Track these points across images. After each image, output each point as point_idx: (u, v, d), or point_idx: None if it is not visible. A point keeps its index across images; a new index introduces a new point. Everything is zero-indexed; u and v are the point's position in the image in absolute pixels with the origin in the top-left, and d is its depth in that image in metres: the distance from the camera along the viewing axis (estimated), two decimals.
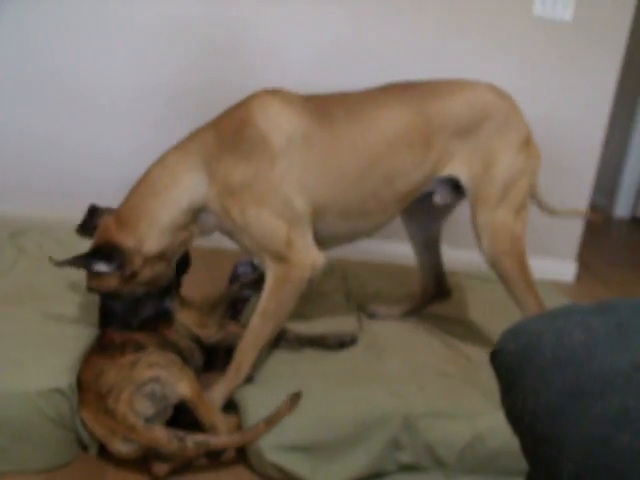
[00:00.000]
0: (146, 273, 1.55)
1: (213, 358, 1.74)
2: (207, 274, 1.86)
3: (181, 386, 1.43)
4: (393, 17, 2.58)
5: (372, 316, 2.02)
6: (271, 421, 1.45)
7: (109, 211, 1.65)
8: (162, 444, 1.37)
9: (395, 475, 1.50)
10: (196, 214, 1.58)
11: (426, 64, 2.60)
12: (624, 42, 2.77)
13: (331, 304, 2.05)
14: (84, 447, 1.48)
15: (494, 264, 1.73)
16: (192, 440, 1.39)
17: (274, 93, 1.60)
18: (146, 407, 1.38)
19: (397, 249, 2.77)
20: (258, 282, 2.01)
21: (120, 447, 1.40)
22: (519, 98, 1.80)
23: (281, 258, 1.55)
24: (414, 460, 1.48)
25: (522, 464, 0.83)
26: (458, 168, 1.70)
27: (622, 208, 4.91)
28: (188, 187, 1.54)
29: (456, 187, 1.77)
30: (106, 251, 1.51)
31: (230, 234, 1.62)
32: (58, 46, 2.54)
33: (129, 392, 1.39)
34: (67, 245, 2.11)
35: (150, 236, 1.53)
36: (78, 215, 2.58)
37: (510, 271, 1.72)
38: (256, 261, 1.70)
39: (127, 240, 1.52)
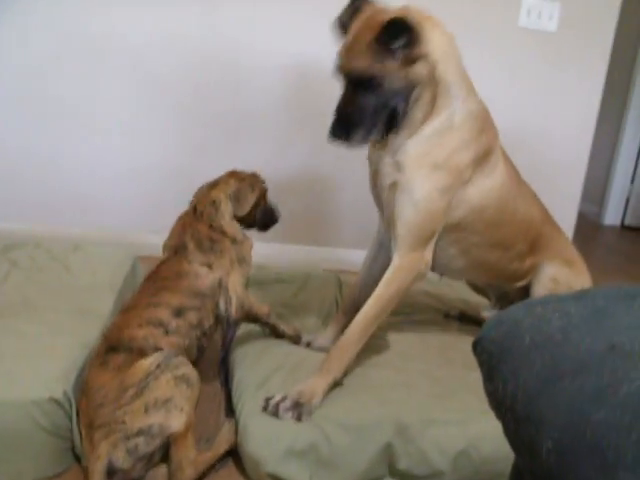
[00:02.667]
0: (416, 70, 1.53)
1: None
2: None
3: (175, 424, 1.37)
4: None
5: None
6: None
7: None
8: None
9: None
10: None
11: None
12: (609, 50, 2.81)
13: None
14: (77, 458, 1.46)
15: None
16: None
17: None
18: (122, 459, 1.33)
19: None
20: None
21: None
22: (506, 107, 1.84)
23: (414, 249, 1.60)
24: (410, 467, 1.45)
25: None
26: None
27: (611, 216, 4.97)
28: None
29: None
30: (405, 27, 1.49)
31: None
32: (57, 66, 2.56)
33: (116, 438, 1.34)
34: (60, 259, 2.13)
35: (439, 44, 1.56)
36: (70, 230, 2.62)
37: None
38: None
39: (426, 29, 1.52)
